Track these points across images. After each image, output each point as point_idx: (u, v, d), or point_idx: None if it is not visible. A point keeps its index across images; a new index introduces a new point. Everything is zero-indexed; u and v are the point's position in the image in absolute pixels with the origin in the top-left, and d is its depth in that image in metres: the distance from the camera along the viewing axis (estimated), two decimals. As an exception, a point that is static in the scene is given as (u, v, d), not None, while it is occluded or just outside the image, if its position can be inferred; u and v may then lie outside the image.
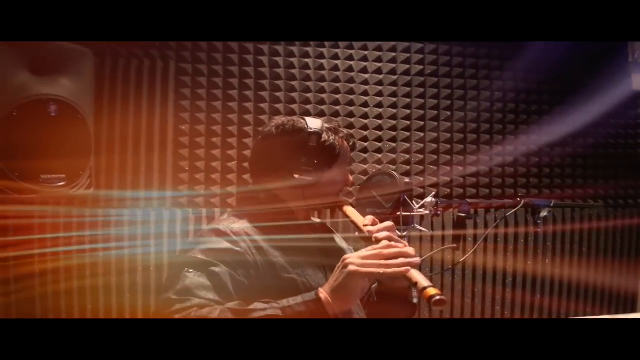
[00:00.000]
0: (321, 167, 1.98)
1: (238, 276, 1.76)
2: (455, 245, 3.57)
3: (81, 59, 3.11)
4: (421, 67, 4.14)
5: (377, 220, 1.89)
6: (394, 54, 4.10)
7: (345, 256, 1.67)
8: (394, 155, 4.02)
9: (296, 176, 1.96)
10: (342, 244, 2.22)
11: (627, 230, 4.57)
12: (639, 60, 4.55)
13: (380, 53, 4.09)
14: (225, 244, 1.82)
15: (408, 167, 4.01)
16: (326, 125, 2.03)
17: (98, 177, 3.30)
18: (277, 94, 3.86)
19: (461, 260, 3.37)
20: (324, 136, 1.98)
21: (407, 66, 4.12)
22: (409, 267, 1.61)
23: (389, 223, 1.87)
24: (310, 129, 1.98)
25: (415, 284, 1.58)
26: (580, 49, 4.10)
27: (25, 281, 3.28)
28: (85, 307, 3.46)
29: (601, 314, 3.85)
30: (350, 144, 2.10)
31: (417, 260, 1.66)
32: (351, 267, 1.61)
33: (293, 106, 3.89)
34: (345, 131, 2.10)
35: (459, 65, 4.25)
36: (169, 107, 3.65)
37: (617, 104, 4.44)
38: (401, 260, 1.63)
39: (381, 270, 1.61)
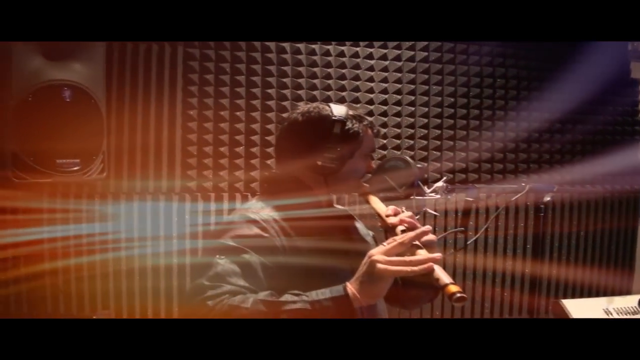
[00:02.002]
0: (344, 154, 2.00)
1: (267, 262, 1.79)
2: (463, 228, 3.64)
3: (93, 45, 3.11)
4: (426, 53, 4.19)
5: (399, 210, 1.91)
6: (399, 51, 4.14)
7: (372, 252, 1.68)
8: (398, 141, 4.10)
9: (319, 162, 1.98)
10: (363, 229, 2.26)
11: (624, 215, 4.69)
12: (639, 49, 4.62)
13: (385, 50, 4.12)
14: (255, 230, 1.85)
15: (412, 152, 4.10)
16: (350, 113, 2.05)
17: (109, 162, 3.31)
18: (284, 79, 3.88)
19: (469, 242, 3.46)
20: (348, 124, 2.01)
21: (412, 52, 4.16)
22: (432, 265, 1.62)
23: (409, 213, 1.90)
24: (335, 116, 2.00)
25: (437, 280, 1.61)
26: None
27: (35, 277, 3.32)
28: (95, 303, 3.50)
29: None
30: (374, 131, 2.13)
31: (438, 255, 1.67)
32: (379, 266, 1.62)
33: (300, 92, 3.91)
34: (369, 119, 2.11)
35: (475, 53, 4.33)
36: (177, 93, 3.66)
37: (615, 92, 4.52)
38: (425, 256, 1.66)
39: (408, 269, 1.63)
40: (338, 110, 2.03)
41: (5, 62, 2.86)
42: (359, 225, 2.27)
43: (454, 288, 1.56)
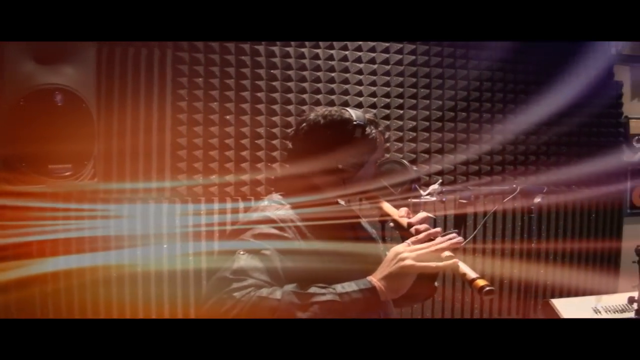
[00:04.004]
0: (362, 159, 2.04)
1: (286, 260, 1.81)
2: (457, 230, 3.66)
3: (83, 48, 3.10)
4: (414, 57, 4.21)
5: (411, 212, 2.01)
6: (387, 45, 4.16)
7: (397, 249, 1.78)
8: (387, 144, 4.08)
9: (340, 165, 2.01)
10: (369, 228, 2.29)
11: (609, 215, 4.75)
12: (622, 52, 4.68)
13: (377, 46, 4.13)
14: (274, 230, 1.87)
15: (414, 156, 4.13)
16: (368, 117, 2.08)
17: (101, 168, 3.29)
18: (274, 83, 3.87)
19: (464, 243, 3.47)
20: (367, 129, 2.04)
21: (400, 56, 4.18)
22: (457, 261, 1.73)
23: (424, 214, 1.99)
24: (356, 121, 2.03)
25: (464, 275, 1.71)
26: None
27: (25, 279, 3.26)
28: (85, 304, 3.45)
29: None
30: (386, 136, 2.15)
31: (459, 239, 1.81)
32: (408, 262, 1.72)
33: (289, 95, 3.90)
34: (382, 124, 2.15)
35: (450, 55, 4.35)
36: (167, 96, 3.62)
37: (599, 94, 4.57)
38: (448, 252, 1.77)
39: (434, 265, 1.72)
40: (357, 114, 2.06)
41: (-3, 66, 2.83)
42: (364, 223, 2.30)
43: (481, 282, 1.66)
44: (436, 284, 2.17)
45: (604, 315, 3.48)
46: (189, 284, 3.63)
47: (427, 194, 2.83)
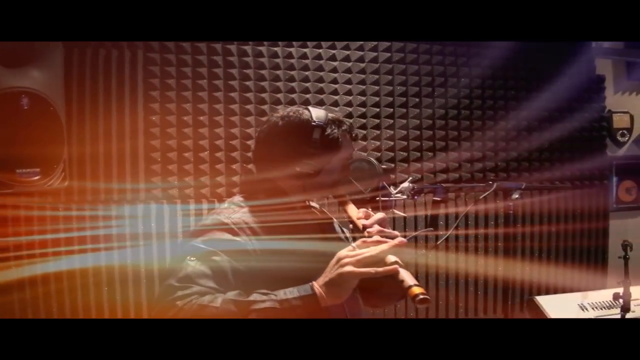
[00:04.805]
0: (323, 159, 2.00)
1: (238, 265, 1.80)
2: (432, 228, 3.64)
3: (50, 50, 3.08)
4: (402, 54, 4.20)
5: (370, 213, 1.96)
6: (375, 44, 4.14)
7: (340, 254, 1.75)
8: (378, 142, 4.11)
9: (297, 169, 1.98)
10: (339, 228, 2.27)
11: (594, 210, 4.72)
12: (603, 45, 4.65)
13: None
14: (226, 234, 1.86)
15: (392, 154, 4.10)
16: (330, 117, 2.04)
17: (71, 170, 3.26)
18: (247, 82, 3.83)
19: (438, 242, 3.47)
20: (328, 129, 2.00)
21: (388, 54, 4.17)
22: (397, 267, 1.69)
23: (380, 215, 1.95)
24: (315, 121, 1.99)
25: (402, 282, 1.66)
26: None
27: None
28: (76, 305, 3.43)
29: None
30: (353, 135, 2.12)
31: (401, 240, 1.78)
32: (347, 268, 1.69)
33: (263, 95, 3.87)
34: (348, 122, 2.11)
35: (439, 53, 4.34)
36: (139, 98, 3.59)
37: (581, 88, 4.54)
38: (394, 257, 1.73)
39: (373, 271, 1.69)
40: (318, 114, 2.02)
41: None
42: (336, 223, 2.27)
43: (417, 290, 1.62)
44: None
45: (590, 312, 3.45)
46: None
47: (398, 192, 2.79)
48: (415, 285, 1.63)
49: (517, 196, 3.27)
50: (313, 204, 2.25)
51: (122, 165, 3.56)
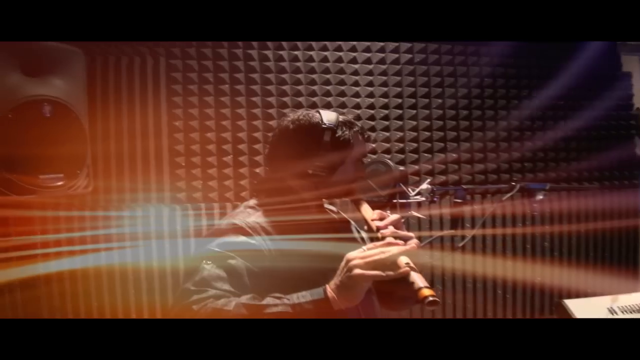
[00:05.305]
0: (335, 162, 2.01)
1: (253, 268, 1.81)
2: (453, 231, 3.61)
3: (72, 59, 3.10)
4: (410, 55, 4.17)
5: (385, 215, 1.94)
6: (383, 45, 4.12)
7: (349, 256, 1.72)
8: (388, 145, 4.07)
9: (310, 171, 1.98)
10: (354, 229, 2.26)
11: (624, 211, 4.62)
12: (628, 42, 4.58)
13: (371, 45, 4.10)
14: (241, 238, 1.87)
15: (402, 156, 4.05)
16: (341, 119, 2.04)
17: (96, 176, 3.30)
18: (269, 87, 3.86)
19: (460, 245, 3.43)
20: (338, 131, 2.01)
21: (396, 55, 4.14)
22: (408, 269, 1.66)
23: (395, 216, 1.93)
24: (325, 124, 2.00)
25: (412, 284, 1.64)
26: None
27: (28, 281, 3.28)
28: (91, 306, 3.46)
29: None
30: (365, 137, 2.12)
31: (412, 244, 1.77)
32: (356, 271, 1.66)
33: (285, 99, 3.89)
34: (359, 124, 2.10)
35: (448, 53, 4.29)
36: (162, 104, 3.64)
37: (608, 86, 4.48)
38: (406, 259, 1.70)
39: (383, 274, 1.67)
40: (328, 117, 2.03)
41: (-17, 79, 2.85)
42: (353, 225, 2.26)
43: (427, 292, 1.60)
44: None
45: (620, 316, 3.38)
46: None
47: (417, 194, 2.78)
48: (426, 287, 1.62)
49: (541, 197, 3.23)
50: (329, 205, 2.25)
51: (147, 170, 3.62)
